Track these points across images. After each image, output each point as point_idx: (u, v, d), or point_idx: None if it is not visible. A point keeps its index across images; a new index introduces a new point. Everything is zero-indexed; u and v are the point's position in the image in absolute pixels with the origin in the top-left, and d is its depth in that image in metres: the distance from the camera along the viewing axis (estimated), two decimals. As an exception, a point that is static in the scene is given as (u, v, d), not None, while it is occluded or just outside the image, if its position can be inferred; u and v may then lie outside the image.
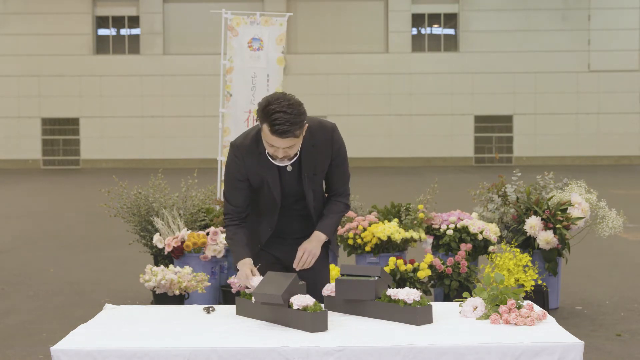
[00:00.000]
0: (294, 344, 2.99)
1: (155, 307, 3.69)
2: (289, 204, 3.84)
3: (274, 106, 3.47)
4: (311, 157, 3.74)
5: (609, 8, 34.31)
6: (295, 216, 3.88)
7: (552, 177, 7.41)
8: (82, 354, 2.97)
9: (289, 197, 3.82)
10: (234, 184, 3.80)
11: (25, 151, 34.31)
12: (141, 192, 7.46)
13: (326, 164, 3.80)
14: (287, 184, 3.78)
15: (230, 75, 8.27)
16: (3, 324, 6.70)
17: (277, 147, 3.55)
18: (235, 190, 3.81)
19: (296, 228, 3.90)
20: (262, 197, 3.83)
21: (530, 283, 6.34)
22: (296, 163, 3.75)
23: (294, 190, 3.80)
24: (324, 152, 3.76)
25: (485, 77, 34.10)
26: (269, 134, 3.51)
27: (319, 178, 3.83)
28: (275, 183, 3.75)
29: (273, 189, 3.76)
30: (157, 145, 34.09)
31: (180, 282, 6.18)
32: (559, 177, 7.57)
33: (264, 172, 3.73)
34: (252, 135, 3.74)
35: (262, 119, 3.53)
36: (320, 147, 3.74)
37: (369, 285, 3.38)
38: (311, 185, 3.80)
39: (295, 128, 3.49)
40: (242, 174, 3.75)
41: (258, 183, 3.77)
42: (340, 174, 3.86)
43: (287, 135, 3.49)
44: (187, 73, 33.70)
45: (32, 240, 12.01)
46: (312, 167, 3.76)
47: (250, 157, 3.72)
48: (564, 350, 2.97)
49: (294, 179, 3.78)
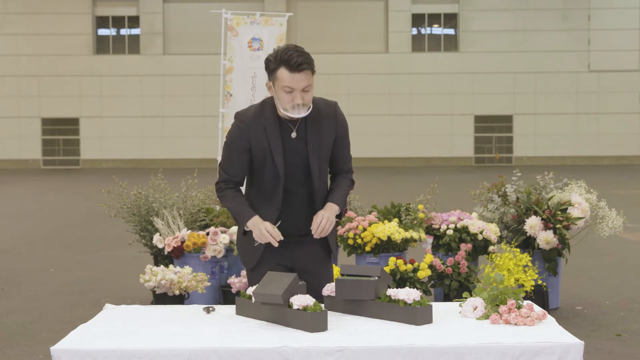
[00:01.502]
0: (294, 344, 2.99)
1: (155, 307, 3.69)
2: (292, 184, 3.76)
3: (284, 49, 3.62)
4: (316, 127, 3.76)
5: (609, 8, 34.31)
6: (299, 204, 3.79)
7: (552, 177, 7.41)
8: (82, 354, 2.97)
9: (292, 170, 3.75)
10: (234, 154, 3.77)
11: (25, 151, 34.31)
12: (141, 192, 7.46)
13: (330, 139, 3.79)
14: (291, 153, 3.74)
15: (230, 75, 8.26)
16: (3, 324, 6.70)
17: (296, 88, 3.60)
18: (234, 161, 3.78)
19: (301, 221, 3.80)
20: (265, 174, 3.76)
21: (530, 283, 6.34)
22: (302, 131, 3.75)
23: (298, 163, 3.75)
24: (328, 125, 3.79)
25: (485, 77, 34.09)
26: (287, 73, 3.59)
27: (323, 152, 3.79)
28: (279, 151, 3.71)
29: (276, 158, 3.71)
30: (157, 145, 34.09)
31: (180, 282, 6.18)
32: (559, 177, 7.57)
33: (269, 139, 3.71)
34: (256, 105, 3.82)
35: (277, 65, 3.62)
36: (324, 120, 3.78)
37: (369, 285, 3.38)
38: (316, 158, 3.76)
39: (311, 63, 3.63)
40: (245, 142, 3.73)
41: (261, 153, 3.72)
42: (344, 151, 3.88)
43: (304, 67, 3.59)
44: (187, 73, 33.70)
45: (32, 240, 12.01)
46: (317, 138, 3.75)
47: (255, 125, 3.72)
48: (564, 350, 2.97)
49: (299, 149, 3.76)
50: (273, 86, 3.67)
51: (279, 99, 3.65)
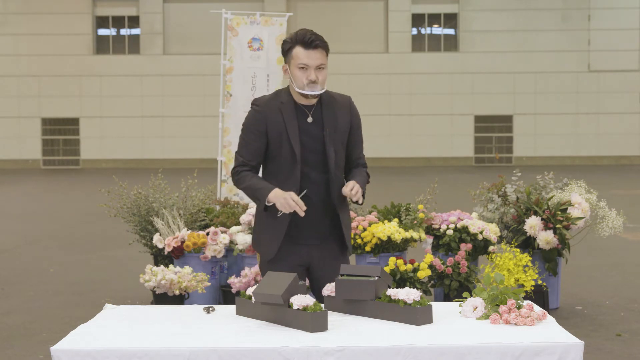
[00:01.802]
0: (294, 344, 2.99)
1: (155, 307, 3.69)
2: (309, 169, 3.79)
3: (299, 30, 3.77)
4: (331, 113, 3.84)
5: (609, 8, 34.31)
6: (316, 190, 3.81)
7: (552, 177, 7.40)
8: (82, 354, 2.97)
9: (309, 154, 3.79)
10: (251, 138, 3.83)
11: (25, 151, 34.31)
12: (141, 192, 7.45)
13: (346, 126, 3.87)
14: (307, 136, 3.80)
15: (230, 75, 8.26)
16: (3, 324, 6.70)
17: (310, 65, 3.71)
18: (250, 144, 3.83)
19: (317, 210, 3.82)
20: (281, 158, 3.79)
21: (530, 283, 6.34)
22: (318, 115, 3.82)
23: (314, 147, 3.80)
24: (343, 113, 3.88)
25: (485, 77, 34.09)
26: (302, 50, 3.72)
27: (339, 137, 3.84)
28: (295, 133, 3.77)
29: (292, 139, 3.77)
30: (157, 145, 34.09)
31: (180, 282, 6.18)
32: (559, 177, 7.57)
33: (285, 121, 3.78)
34: (271, 93, 3.93)
35: (292, 44, 3.76)
36: (339, 107, 3.87)
37: (369, 285, 3.38)
38: (331, 143, 3.81)
39: (322, 39, 3.75)
40: (262, 125, 3.80)
41: (277, 136, 3.78)
42: (358, 144, 3.96)
43: (318, 44, 3.72)
44: (187, 73, 33.70)
45: (32, 240, 12.01)
46: (333, 123, 3.83)
47: (271, 108, 3.82)
48: (564, 350, 2.97)
49: (315, 132, 3.81)
50: (289, 67, 3.79)
51: (294, 77, 3.76)
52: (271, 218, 3.82)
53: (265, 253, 3.89)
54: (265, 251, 3.89)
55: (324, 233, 3.89)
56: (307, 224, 3.83)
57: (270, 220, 3.84)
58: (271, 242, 3.85)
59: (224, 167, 8.19)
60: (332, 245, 3.92)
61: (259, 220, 3.94)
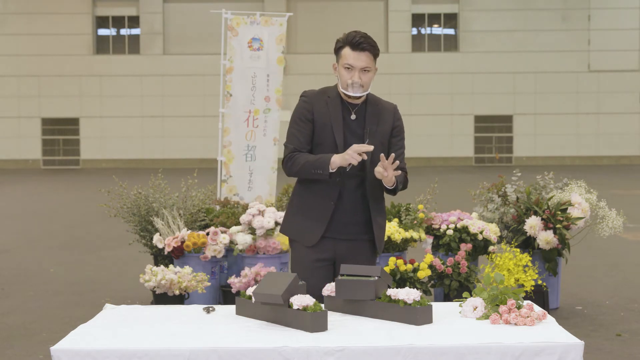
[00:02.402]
0: (294, 344, 2.99)
1: (155, 307, 3.69)
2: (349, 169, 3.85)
3: (350, 32, 3.87)
4: (375, 114, 3.95)
5: (609, 8, 34.31)
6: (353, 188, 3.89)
7: (552, 177, 7.40)
8: (82, 354, 2.97)
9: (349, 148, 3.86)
10: (299, 125, 3.94)
11: (25, 151, 34.32)
12: (141, 192, 7.46)
13: (387, 128, 3.96)
14: (349, 132, 3.90)
15: (230, 75, 8.26)
16: (3, 324, 6.70)
17: (355, 66, 3.81)
18: (298, 132, 3.93)
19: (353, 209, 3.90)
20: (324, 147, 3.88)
21: (530, 283, 6.33)
22: (361, 114, 3.93)
23: (353, 142, 3.87)
24: (386, 117, 3.98)
25: (485, 77, 34.10)
26: (350, 51, 3.83)
27: (379, 138, 3.91)
28: (339, 126, 3.89)
29: (336, 132, 3.88)
30: (157, 145, 34.10)
31: (180, 282, 6.18)
32: (559, 177, 7.57)
33: (330, 113, 3.90)
34: (318, 89, 4.03)
35: (343, 45, 3.86)
36: (384, 110, 3.98)
37: (369, 285, 3.38)
38: (371, 141, 3.88)
39: (371, 43, 3.84)
40: (309, 112, 3.92)
41: (322, 126, 3.90)
42: (399, 146, 4.02)
43: (366, 48, 3.82)
44: (187, 73, 33.70)
45: (32, 240, 12.01)
46: (375, 123, 3.93)
47: (318, 99, 3.95)
48: (564, 350, 2.97)
49: (357, 130, 3.91)
50: (337, 66, 3.91)
51: (340, 76, 3.88)
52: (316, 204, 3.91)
53: (308, 240, 3.95)
54: (308, 238, 3.95)
55: (356, 231, 3.95)
56: (341, 219, 3.92)
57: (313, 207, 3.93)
58: (314, 229, 3.92)
59: (224, 167, 8.19)
60: (363, 244, 3.98)
61: (298, 208, 4.00)
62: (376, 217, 3.97)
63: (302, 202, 3.99)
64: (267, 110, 8.22)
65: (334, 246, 3.93)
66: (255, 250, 6.87)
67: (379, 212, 3.99)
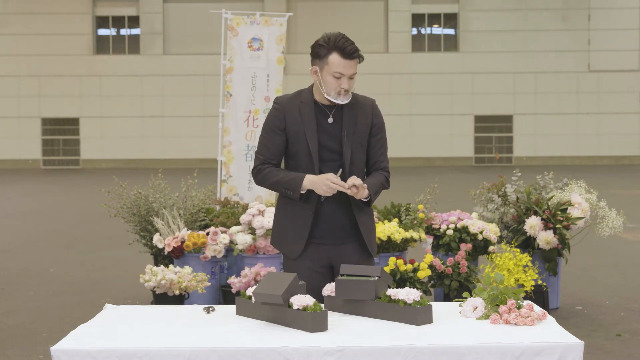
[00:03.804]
0: (294, 344, 2.99)
1: (155, 307, 3.69)
2: (326, 170, 3.79)
3: (336, 36, 3.73)
4: (352, 114, 3.84)
5: (609, 8, 34.31)
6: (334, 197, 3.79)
7: (552, 177, 7.40)
8: (82, 354, 2.97)
9: (326, 154, 3.80)
10: (270, 135, 3.86)
11: (25, 151, 34.31)
12: (141, 192, 7.46)
13: (366, 128, 3.87)
14: (326, 136, 3.82)
15: (230, 75, 8.26)
16: (3, 324, 6.70)
17: (345, 74, 3.72)
18: (270, 142, 3.85)
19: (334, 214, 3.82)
20: (299, 158, 3.81)
21: (530, 283, 6.33)
22: (338, 116, 3.83)
23: (332, 147, 3.81)
24: (364, 115, 3.88)
25: (485, 77, 34.09)
26: (340, 59, 3.70)
27: (358, 139, 3.84)
28: (312, 133, 3.80)
29: (309, 139, 3.79)
30: (157, 145, 34.09)
31: (180, 282, 6.18)
32: (559, 177, 7.57)
33: (303, 120, 3.81)
34: (292, 93, 3.93)
35: (329, 50, 3.72)
36: (361, 109, 3.88)
37: (369, 285, 3.37)
38: (349, 144, 3.82)
39: (359, 51, 3.75)
40: (280, 122, 3.83)
41: (295, 135, 3.81)
42: (379, 147, 3.94)
43: (355, 55, 3.71)
44: (187, 73, 33.69)
45: (32, 240, 12.01)
46: (352, 124, 3.83)
47: (290, 106, 3.84)
48: (564, 350, 2.97)
49: (334, 133, 3.83)
50: (320, 71, 3.77)
51: (325, 83, 3.76)
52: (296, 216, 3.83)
53: (290, 252, 3.89)
54: (290, 250, 3.89)
55: (342, 234, 3.87)
56: (326, 224, 3.85)
57: (293, 218, 3.86)
58: (296, 241, 3.86)
59: (224, 167, 8.19)
60: (353, 247, 3.89)
61: (280, 219, 3.94)
62: (361, 218, 3.88)
63: (283, 213, 3.92)
64: (267, 110, 8.22)
65: (326, 252, 3.86)
66: (255, 250, 6.87)
67: (364, 213, 3.90)
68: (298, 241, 3.85)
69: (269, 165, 3.86)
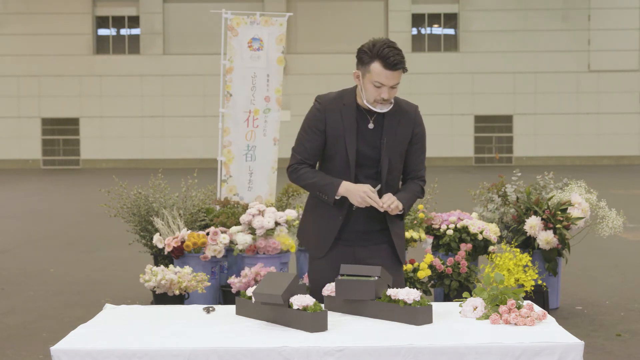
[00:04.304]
0: (294, 344, 2.99)
1: (155, 307, 3.69)
2: (362, 176, 3.75)
3: (381, 44, 3.62)
4: (393, 122, 3.76)
5: (609, 8, 34.32)
6: None
7: (552, 177, 7.40)
8: (82, 353, 2.97)
9: (364, 160, 3.74)
10: (309, 135, 3.78)
11: (25, 151, 34.32)
12: (141, 192, 7.46)
13: (406, 136, 3.79)
14: (365, 142, 3.75)
15: (230, 75, 8.26)
16: (3, 324, 6.70)
17: (386, 85, 3.62)
18: (307, 141, 3.78)
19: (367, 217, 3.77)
20: (335, 161, 3.76)
21: (530, 283, 6.33)
22: (379, 122, 3.75)
23: (370, 154, 3.75)
24: (406, 123, 3.80)
25: (485, 77, 34.10)
26: (382, 69, 3.60)
27: (397, 147, 3.77)
28: (352, 137, 3.72)
29: (348, 144, 3.73)
30: (157, 145, 34.10)
31: (180, 282, 6.18)
32: (559, 177, 7.57)
33: (344, 123, 3.74)
34: (336, 92, 3.85)
35: (371, 58, 3.62)
36: (403, 116, 3.79)
37: (369, 285, 3.37)
38: (388, 152, 3.75)
39: (404, 61, 3.63)
40: (320, 122, 3.76)
41: (334, 137, 3.74)
42: (418, 155, 3.86)
43: (398, 67, 3.60)
44: (187, 73, 33.70)
45: (32, 240, 12.01)
46: (393, 132, 3.75)
47: (332, 107, 3.77)
48: (564, 350, 2.97)
49: (373, 140, 3.75)
50: (362, 77, 3.70)
51: (366, 90, 3.69)
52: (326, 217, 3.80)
53: (316, 251, 3.88)
54: (315, 250, 3.88)
55: (371, 238, 3.83)
56: (355, 228, 3.81)
57: (322, 220, 3.82)
58: (323, 242, 3.83)
59: (224, 167, 8.19)
60: (385, 249, 3.85)
61: (309, 218, 3.91)
62: (393, 227, 3.84)
63: (312, 213, 3.89)
64: (267, 110, 8.22)
65: (353, 252, 3.83)
66: (255, 250, 6.87)
67: (394, 222, 3.86)
68: (325, 242, 3.82)
69: (305, 165, 3.80)
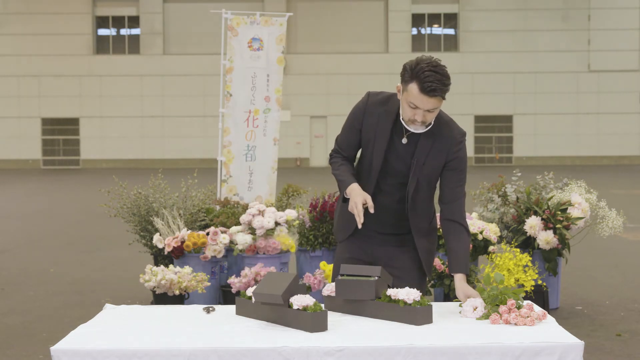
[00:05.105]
0: (294, 344, 2.98)
1: (155, 307, 3.68)
2: (387, 186, 3.69)
3: (424, 65, 3.39)
4: (427, 145, 3.59)
5: (609, 8, 34.32)
6: (389, 205, 3.69)
7: (552, 177, 7.40)
8: (82, 353, 2.96)
9: (391, 172, 3.66)
10: (347, 129, 3.74)
11: (25, 151, 34.32)
12: (141, 192, 7.46)
13: (440, 160, 3.61)
14: (395, 156, 3.63)
15: (230, 75, 8.27)
16: (3, 324, 6.70)
17: (421, 108, 3.43)
18: (345, 135, 3.76)
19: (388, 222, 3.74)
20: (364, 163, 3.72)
21: (530, 283, 6.33)
22: (413, 139, 3.60)
23: (398, 168, 3.65)
24: (440, 151, 3.60)
25: (485, 77, 34.10)
26: (418, 92, 3.40)
27: (427, 170, 3.62)
28: (381, 146, 3.62)
29: (376, 152, 3.63)
30: (157, 145, 34.10)
31: (180, 282, 6.18)
32: (559, 177, 7.57)
33: (377, 131, 3.63)
34: (387, 94, 3.69)
35: (411, 78, 3.41)
36: (442, 140, 3.60)
37: (369, 285, 3.37)
38: (417, 173, 3.62)
39: (444, 89, 3.40)
40: (358, 122, 3.68)
41: (367, 140, 3.67)
42: (455, 180, 3.66)
43: (435, 94, 3.38)
44: (187, 73, 33.70)
45: (32, 240, 12.01)
46: (425, 153, 3.59)
47: (373, 110, 3.64)
48: (564, 350, 2.96)
49: (404, 156, 3.62)
50: (401, 93, 3.51)
51: (402, 108, 3.53)
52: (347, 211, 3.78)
53: (337, 237, 3.94)
54: (337, 235, 3.94)
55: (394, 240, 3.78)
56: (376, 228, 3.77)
57: (345, 213, 3.81)
58: (343, 230, 3.86)
59: (224, 167, 8.20)
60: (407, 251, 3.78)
61: (339, 209, 3.94)
62: (420, 239, 3.75)
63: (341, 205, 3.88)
64: (267, 110, 8.22)
65: (371, 249, 3.80)
66: (255, 250, 6.87)
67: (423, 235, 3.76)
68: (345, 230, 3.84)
69: (339, 156, 3.81)
